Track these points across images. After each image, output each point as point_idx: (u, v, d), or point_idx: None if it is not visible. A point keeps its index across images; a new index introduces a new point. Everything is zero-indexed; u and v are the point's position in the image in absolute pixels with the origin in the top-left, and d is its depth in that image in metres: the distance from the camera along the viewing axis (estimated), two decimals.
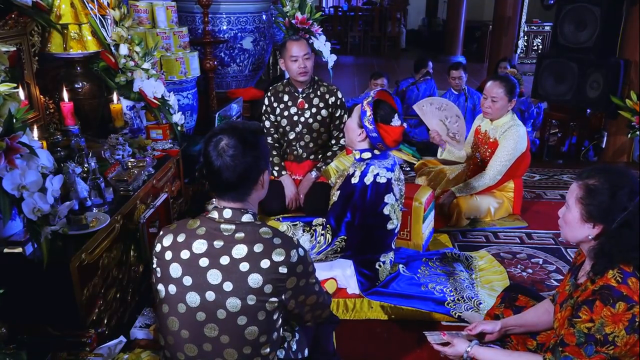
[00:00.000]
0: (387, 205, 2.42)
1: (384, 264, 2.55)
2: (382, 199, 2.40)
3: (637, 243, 1.49)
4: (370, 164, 2.41)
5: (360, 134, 2.43)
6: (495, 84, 3.31)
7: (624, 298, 1.45)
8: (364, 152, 2.47)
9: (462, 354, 1.78)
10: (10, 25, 2.22)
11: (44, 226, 1.71)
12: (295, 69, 3.15)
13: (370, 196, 2.38)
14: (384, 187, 2.39)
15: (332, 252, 2.42)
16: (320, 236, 2.40)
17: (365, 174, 2.39)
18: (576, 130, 5.15)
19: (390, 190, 2.41)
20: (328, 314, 1.68)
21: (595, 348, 1.47)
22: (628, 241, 1.50)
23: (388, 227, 2.47)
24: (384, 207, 2.42)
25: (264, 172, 1.50)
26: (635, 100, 4.37)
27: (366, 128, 2.37)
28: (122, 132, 2.62)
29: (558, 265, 2.96)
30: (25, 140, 1.66)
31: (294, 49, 3.13)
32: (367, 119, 2.35)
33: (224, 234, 1.43)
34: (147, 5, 3.50)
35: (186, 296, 1.42)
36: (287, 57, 3.16)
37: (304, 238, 2.41)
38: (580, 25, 4.67)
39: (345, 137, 2.58)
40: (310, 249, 2.39)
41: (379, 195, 2.39)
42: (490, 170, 3.33)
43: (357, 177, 2.41)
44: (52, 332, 1.86)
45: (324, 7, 13.11)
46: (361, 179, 2.39)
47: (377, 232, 2.48)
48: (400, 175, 2.52)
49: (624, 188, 1.51)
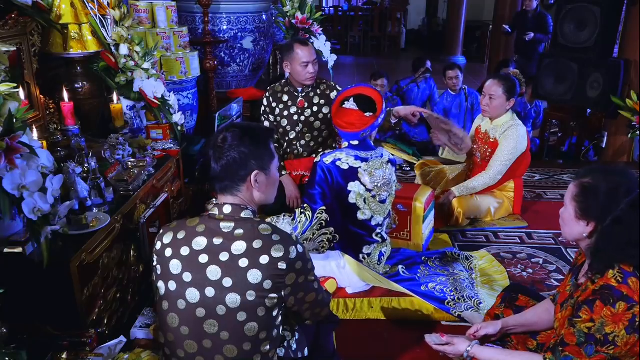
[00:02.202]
0: (351, 193, 2.48)
1: (369, 256, 2.57)
2: (346, 185, 2.48)
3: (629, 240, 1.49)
4: (335, 151, 2.53)
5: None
6: (494, 82, 3.31)
7: (624, 298, 1.45)
8: (344, 143, 2.59)
9: (463, 353, 1.78)
10: (10, 25, 2.22)
11: (44, 226, 1.71)
12: (305, 74, 3.13)
13: (330, 176, 2.46)
14: (345, 173, 2.46)
15: (318, 226, 2.46)
16: (301, 215, 2.47)
17: (325, 155, 2.51)
18: (576, 130, 5.15)
19: (355, 179, 2.48)
20: (327, 313, 1.69)
21: (596, 348, 1.47)
22: (620, 238, 1.50)
23: (359, 217, 2.52)
24: (349, 195, 2.49)
25: (252, 172, 1.48)
26: (635, 100, 4.37)
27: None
28: (122, 132, 2.62)
29: (558, 265, 2.96)
30: (25, 140, 1.66)
31: (305, 54, 3.09)
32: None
33: (224, 231, 1.44)
34: (147, 5, 3.50)
35: (186, 292, 1.43)
36: (296, 61, 3.12)
37: (284, 221, 2.46)
38: (580, 25, 4.67)
39: None
40: (294, 229, 2.43)
41: (339, 177, 2.46)
42: (490, 170, 3.33)
43: (318, 157, 2.53)
44: (52, 332, 1.86)
45: (324, 7, 13.10)
46: (321, 158, 2.50)
47: (350, 227, 2.55)
48: (381, 169, 2.54)
49: (617, 186, 1.53)
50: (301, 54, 3.11)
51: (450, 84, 5.18)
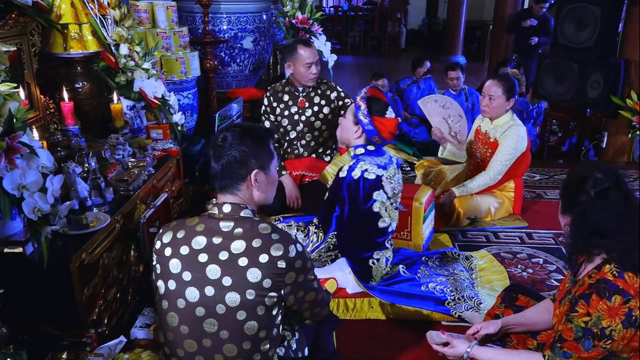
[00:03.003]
0: (376, 202, 2.42)
1: (377, 262, 2.55)
2: (371, 196, 2.41)
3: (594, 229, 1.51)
4: (360, 160, 2.43)
5: (356, 131, 2.45)
6: (493, 82, 3.31)
7: (620, 292, 1.46)
8: (358, 148, 2.49)
9: (463, 354, 1.78)
10: (10, 25, 2.22)
11: (44, 226, 1.71)
12: (308, 75, 3.14)
13: (357, 190, 2.39)
14: (373, 183, 2.40)
15: (325, 249, 2.44)
16: (313, 234, 2.43)
17: (353, 168, 2.41)
18: (576, 130, 5.15)
19: (379, 187, 2.42)
20: (327, 312, 1.69)
21: (593, 342, 1.47)
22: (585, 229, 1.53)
23: (379, 226, 2.47)
24: (372, 204, 2.42)
25: (252, 171, 1.49)
26: (635, 100, 4.37)
27: (361, 122, 2.38)
28: (123, 132, 2.62)
29: (558, 265, 2.96)
30: (25, 140, 1.66)
31: (308, 55, 3.10)
32: (361, 113, 2.37)
33: (223, 230, 1.44)
34: (147, 5, 3.50)
35: (185, 291, 1.43)
36: (299, 62, 3.13)
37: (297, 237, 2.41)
38: (580, 25, 4.67)
39: (340, 137, 2.59)
40: (305, 246, 2.39)
41: (366, 190, 2.40)
42: (490, 170, 3.33)
43: (344, 171, 2.43)
44: (52, 332, 1.86)
45: (324, 7, 13.11)
46: (348, 173, 2.41)
47: (367, 229, 2.49)
48: (396, 175, 2.52)
49: (588, 179, 1.55)
50: (304, 54, 3.11)
51: (451, 84, 5.18)
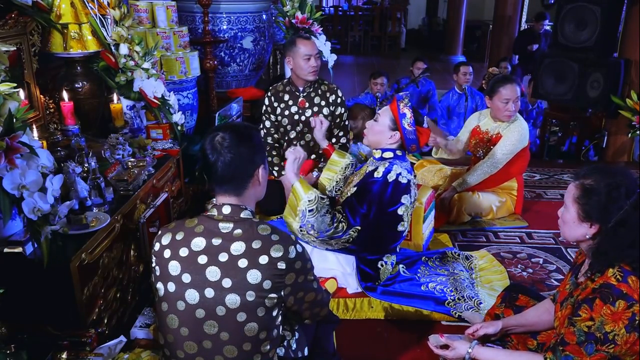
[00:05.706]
0: (402, 206, 2.46)
1: (386, 264, 2.57)
2: (400, 199, 2.45)
3: (632, 241, 1.49)
4: (393, 163, 2.47)
5: (392, 137, 2.48)
6: (513, 87, 3.27)
7: (624, 296, 1.45)
8: (386, 152, 2.51)
9: (464, 355, 1.78)
10: (10, 25, 2.22)
11: (44, 226, 1.71)
12: (307, 68, 3.16)
13: (389, 193, 2.43)
14: (404, 187, 2.44)
15: (344, 241, 2.45)
16: (339, 223, 2.42)
17: (389, 170, 2.44)
18: (576, 130, 5.15)
19: (408, 192, 2.46)
20: (327, 312, 1.69)
21: (596, 347, 1.47)
22: (623, 240, 1.50)
23: (398, 229, 2.51)
24: (399, 207, 2.46)
25: (259, 167, 1.52)
26: (635, 99, 4.37)
27: (405, 130, 2.43)
28: (122, 131, 2.62)
29: (558, 265, 2.96)
30: (25, 139, 1.66)
31: (307, 47, 3.14)
32: (407, 121, 2.42)
33: (223, 232, 1.44)
34: (147, 4, 3.49)
35: (185, 293, 1.43)
36: (298, 55, 3.15)
37: (324, 219, 2.39)
38: (580, 25, 4.67)
39: (369, 137, 2.57)
40: (326, 230, 2.39)
41: (397, 193, 2.43)
42: (490, 157, 3.31)
43: (380, 172, 2.45)
44: (52, 332, 1.86)
45: (324, 7, 13.09)
46: (384, 175, 2.44)
47: (387, 232, 2.51)
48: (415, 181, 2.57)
49: (620, 187, 1.52)
50: (303, 47, 3.14)
51: (463, 79, 5.24)
